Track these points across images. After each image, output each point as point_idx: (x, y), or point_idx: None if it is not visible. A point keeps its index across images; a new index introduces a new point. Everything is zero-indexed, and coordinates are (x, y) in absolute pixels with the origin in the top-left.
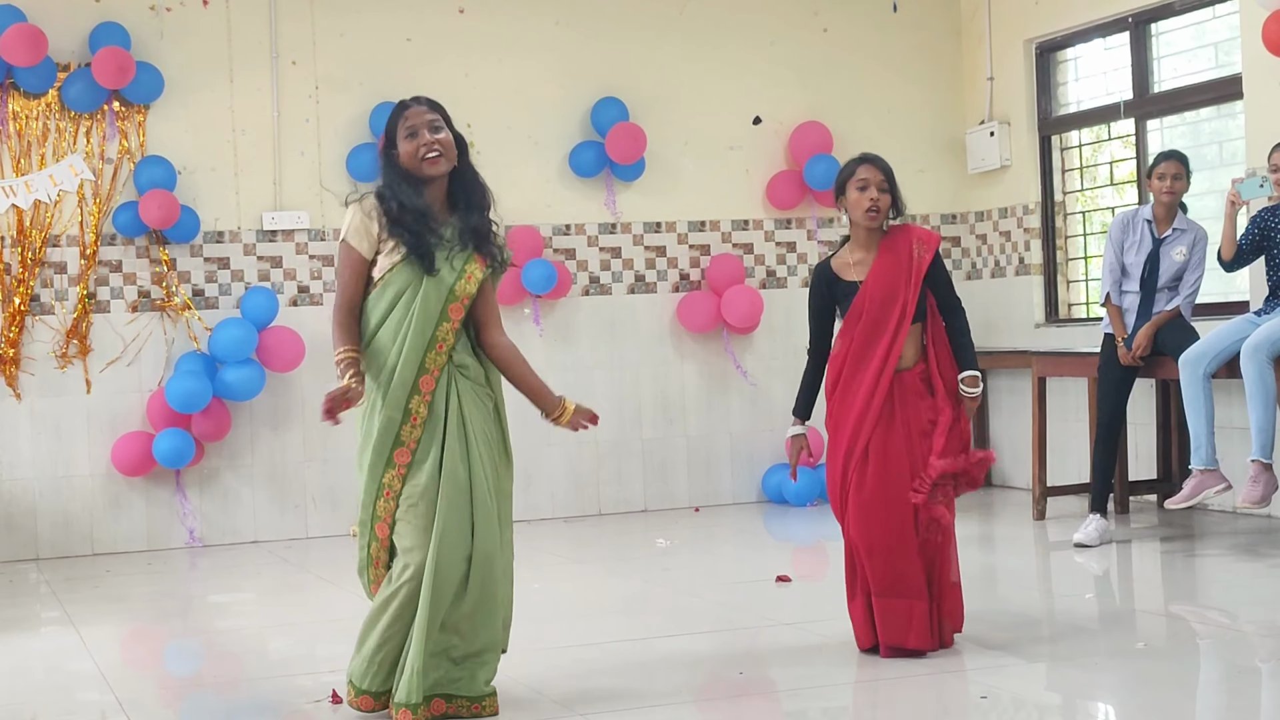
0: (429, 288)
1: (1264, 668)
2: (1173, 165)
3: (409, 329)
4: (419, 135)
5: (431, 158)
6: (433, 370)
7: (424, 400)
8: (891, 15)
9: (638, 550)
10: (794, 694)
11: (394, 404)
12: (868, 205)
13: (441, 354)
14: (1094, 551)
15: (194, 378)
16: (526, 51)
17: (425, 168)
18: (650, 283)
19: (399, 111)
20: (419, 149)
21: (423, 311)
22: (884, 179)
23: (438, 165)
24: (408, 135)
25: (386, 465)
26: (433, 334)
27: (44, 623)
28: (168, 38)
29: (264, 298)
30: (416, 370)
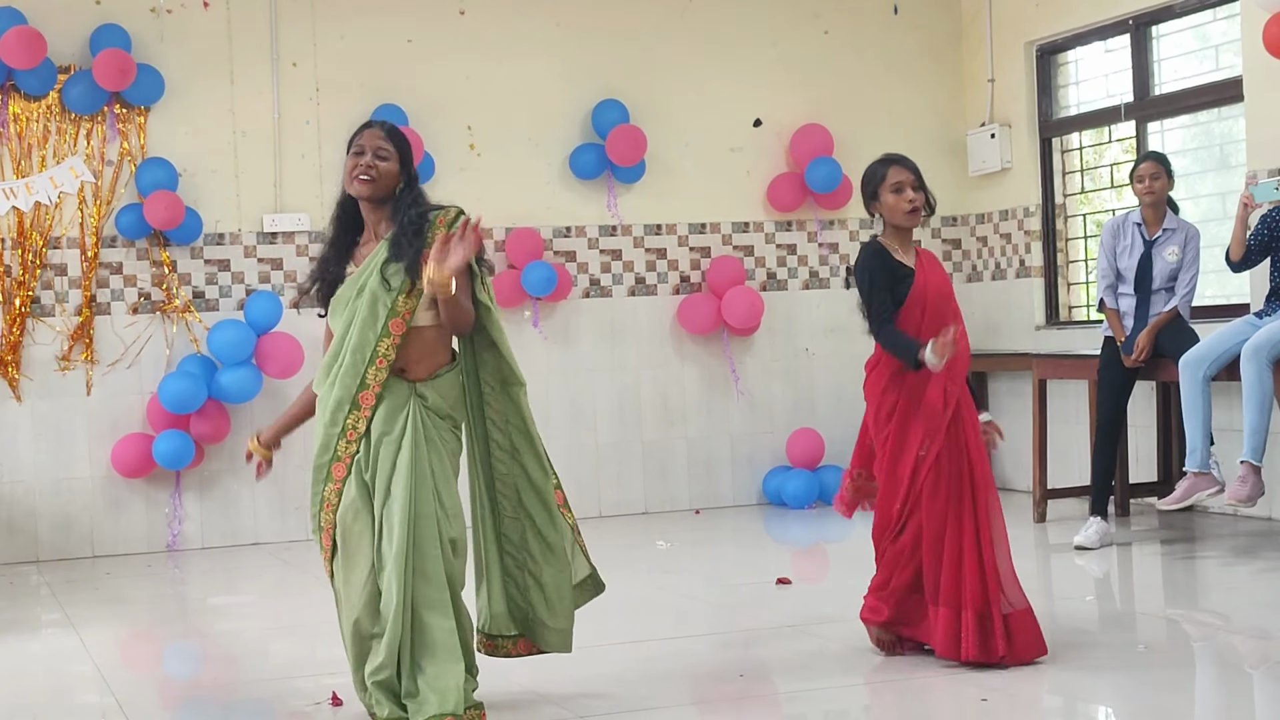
0: (367, 303)
1: (1263, 671)
2: (1151, 165)
3: (348, 351)
4: (363, 155)
5: (362, 179)
6: (373, 385)
7: (362, 415)
8: (892, 17)
9: (638, 552)
10: (794, 697)
11: (333, 419)
12: (908, 206)
13: (382, 369)
14: (1094, 554)
15: (188, 379)
16: (527, 53)
17: (353, 185)
18: (651, 285)
19: (360, 129)
20: (355, 167)
21: (361, 326)
22: (915, 178)
23: (364, 187)
24: (354, 152)
25: (326, 479)
26: (373, 349)
27: (44, 625)
28: (168, 40)
29: (267, 302)
30: (356, 385)
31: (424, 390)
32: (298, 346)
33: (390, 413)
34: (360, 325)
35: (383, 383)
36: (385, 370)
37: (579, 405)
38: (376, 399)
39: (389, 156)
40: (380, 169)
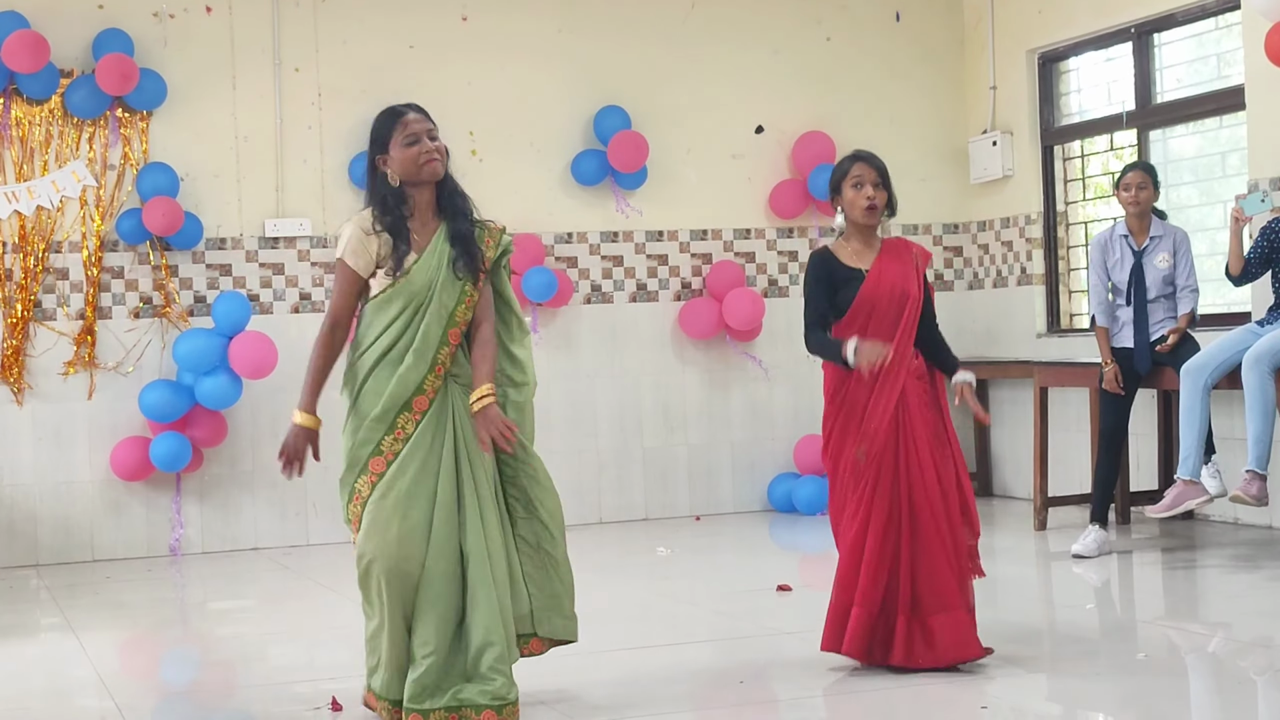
0: (434, 311)
1: (1264, 680)
2: (1136, 175)
3: (411, 354)
4: (420, 142)
5: (433, 162)
6: (429, 391)
7: (413, 418)
8: (894, 25)
9: (639, 559)
10: (794, 704)
11: (383, 418)
12: (865, 203)
13: (439, 377)
14: (1092, 562)
15: (168, 388)
16: (529, 59)
17: (424, 172)
18: (652, 291)
19: (393, 119)
20: (419, 155)
21: (424, 337)
22: (878, 176)
23: (438, 170)
24: (409, 142)
25: (361, 471)
26: (433, 357)
27: (44, 629)
28: (171, 45)
29: (234, 303)
30: (413, 391)
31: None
32: (270, 345)
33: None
34: (425, 330)
35: (437, 389)
36: (441, 378)
37: (580, 411)
38: (430, 403)
39: (437, 135)
40: (440, 149)
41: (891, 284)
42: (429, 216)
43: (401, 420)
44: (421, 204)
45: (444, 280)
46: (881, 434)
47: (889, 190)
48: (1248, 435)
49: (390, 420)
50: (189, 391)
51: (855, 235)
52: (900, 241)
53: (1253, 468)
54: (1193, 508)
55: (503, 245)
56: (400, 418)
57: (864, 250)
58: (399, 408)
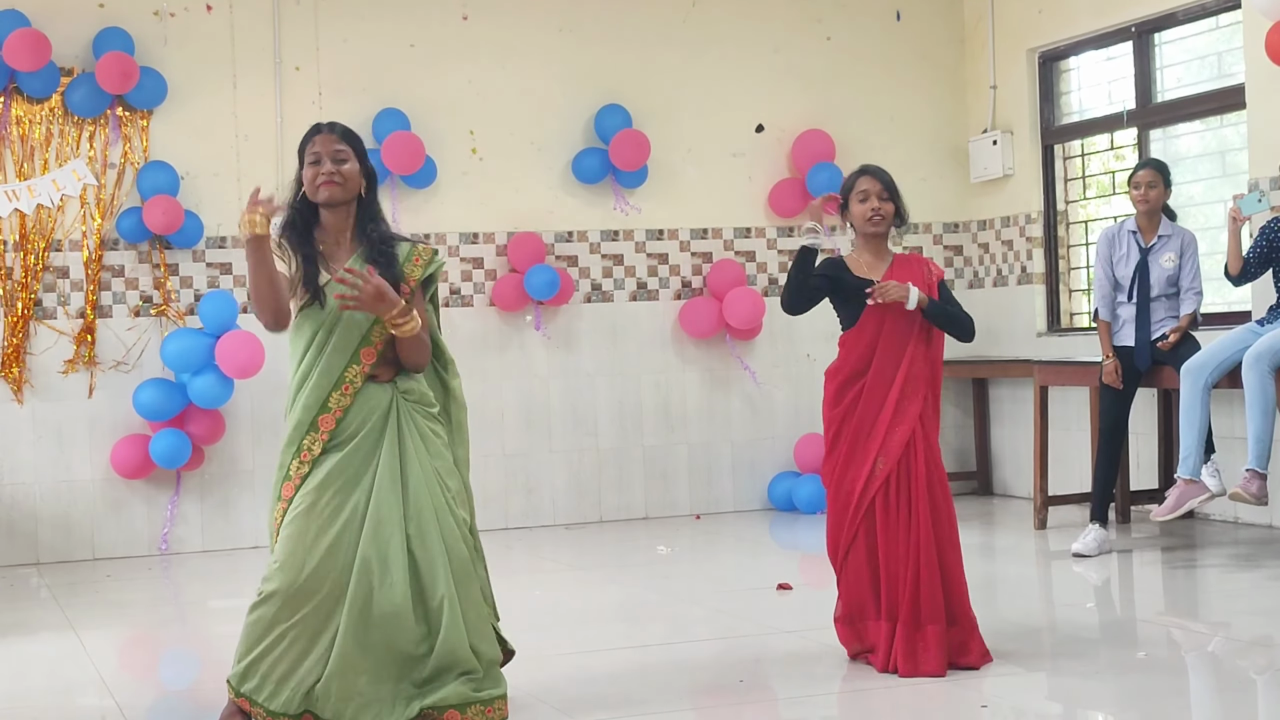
0: (341, 331)
1: (1264, 679)
2: (1148, 174)
3: (316, 373)
4: (320, 163)
5: (326, 184)
6: (335, 410)
7: (319, 438)
8: (894, 24)
9: (639, 557)
10: (794, 702)
11: (290, 441)
12: (869, 214)
13: (346, 395)
14: (1092, 561)
15: (161, 386)
16: (530, 58)
17: (319, 195)
18: (652, 290)
19: (309, 135)
20: (315, 175)
21: (331, 354)
22: (884, 188)
23: (330, 192)
24: (311, 161)
25: (276, 499)
26: (340, 374)
27: (44, 627)
28: (171, 43)
29: (221, 302)
30: (317, 409)
31: (402, 384)
32: (257, 344)
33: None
34: (331, 350)
35: (345, 408)
36: (350, 396)
37: (580, 410)
38: (336, 421)
39: (348, 158)
40: (343, 172)
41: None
42: (345, 238)
43: (307, 441)
44: (335, 225)
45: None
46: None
47: (896, 202)
48: (1248, 434)
49: (297, 443)
50: (182, 390)
51: (865, 248)
52: (913, 257)
53: (1253, 466)
54: (1195, 507)
55: (433, 266)
56: (306, 439)
57: (875, 263)
58: (305, 430)
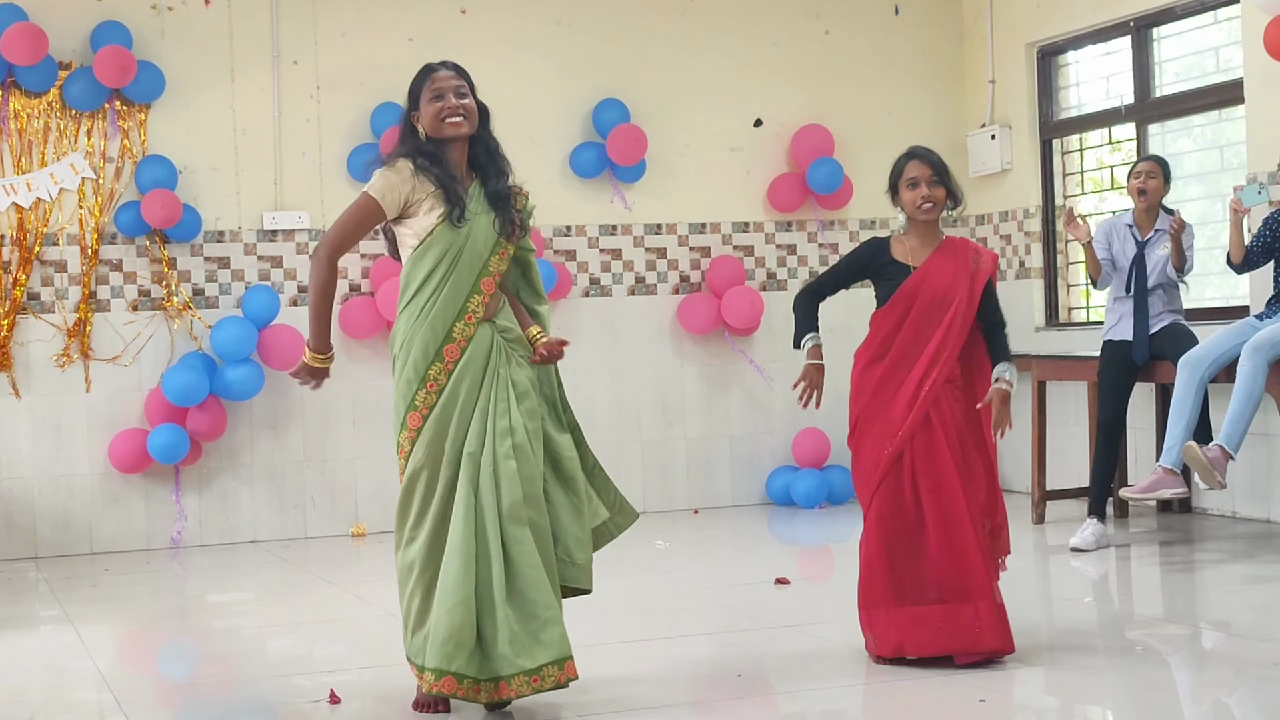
0: (466, 260)
1: (1261, 674)
2: (1147, 165)
3: (440, 301)
4: (445, 98)
5: (454, 121)
6: (459, 340)
7: (445, 369)
8: (893, 18)
9: (636, 552)
10: (792, 696)
11: (414, 368)
12: (920, 200)
13: (470, 325)
14: (1090, 556)
15: (192, 371)
16: (528, 52)
17: (446, 129)
18: (650, 285)
19: (425, 75)
20: (441, 110)
21: (455, 282)
22: (933, 172)
23: (459, 128)
24: (433, 98)
25: (402, 426)
26: (463, 304)
27: (42, 621)
28: (169, 37)
29: (265, 296)
30: (442, 338)
31: (499, 323)
32: (299, 339)
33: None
34: (455, 278)
35: (469, 338)
36: (473, 326)
37: (577, 404)
38: (460, 352)
39: (466, 93)
40: (466, 106)
41: (938, 284)
42: (462, 173)
43: (434, 372)
44: (454, 159)
45: (480, 232)
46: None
47: (947, 183)
48: (1227, 414)
49: (422, 373)
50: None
51: (914, 232)
52: (963, 242)
53: (1221, 443)
54: (1169, 496)
55: (528, 210)
56: (432, 369)
57: (920, 248)
58: (430, 358)
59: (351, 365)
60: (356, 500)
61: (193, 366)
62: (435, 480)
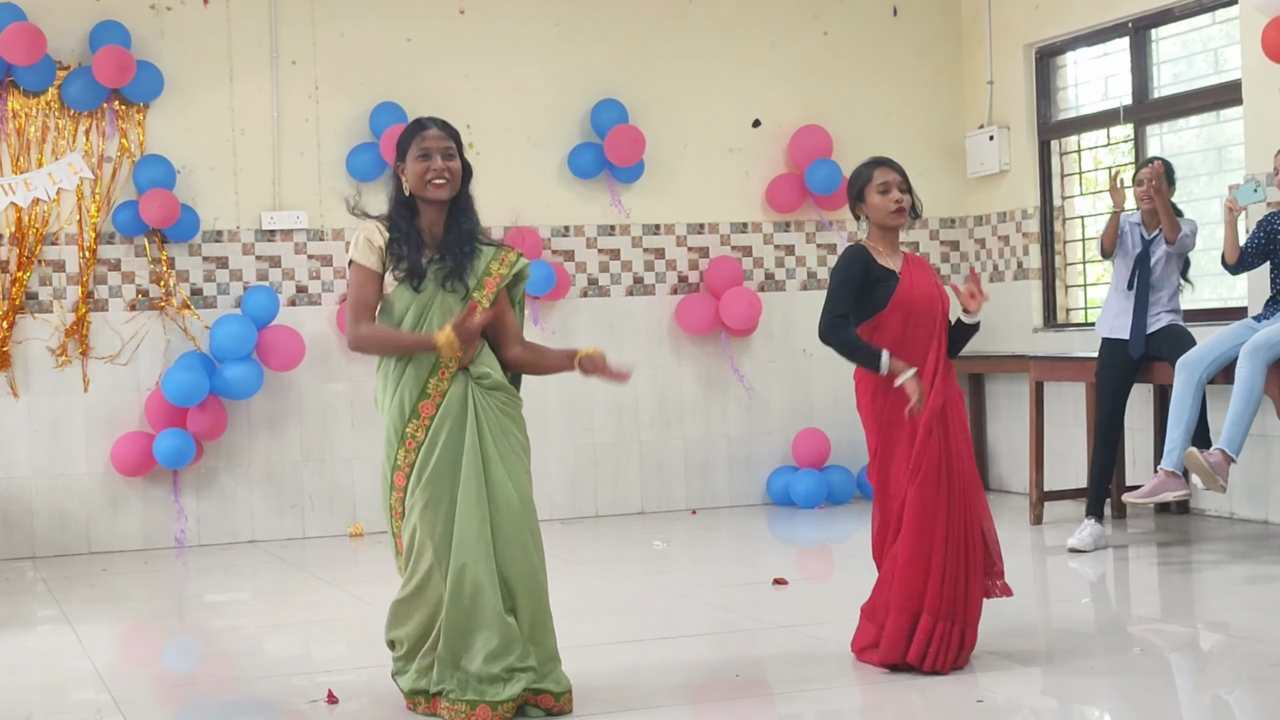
0: (435, 313)
1: (1258, 674)
2: (1149, 170)
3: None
4: (431, 159)
5: (438, 184)
6: (434, 395)
7: (422, 424)
8: (891, 19)
9: (635, 552)
10: (789, 696)
11: (393, 428)
12: (894, 206)
13: (444, 380)
14: (1088, 557)
15: (192, 371)
16: (526, 53)
17: (430, 191)
18: (649, 285)
19: (415, 131)
20: (427, 171)
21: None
22: (902, 179)
23: (442, 191)
24: (420, 156)
25: (390, 488)
26: (434, 360)
27: (40, 621)
28: (168, 37)
29: (265, 296)
30: (417, 396)
31: (476, 371)
32: (298, 339)
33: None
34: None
35: (444, 392)
36: (447, 381)
37: (576, 405)
38: (436, 407)
39: (454, 155)
40: (452, 169)
41: (924, 289)
42: (438, 229)
43: (410, 429)
44: (432, 217)
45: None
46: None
47: (912, 193)
48: (1227, 417)
49: (401, 431)
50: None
51: (879, 239)
52: (916, 257)
53: (1222, 446)
54: (1171, 499)
55: (518, 267)
56: (409, 426)
57: (891, 255)
58: (407, 416)
59: (350, 365)
60: (354, 500)
61: (191, 366)
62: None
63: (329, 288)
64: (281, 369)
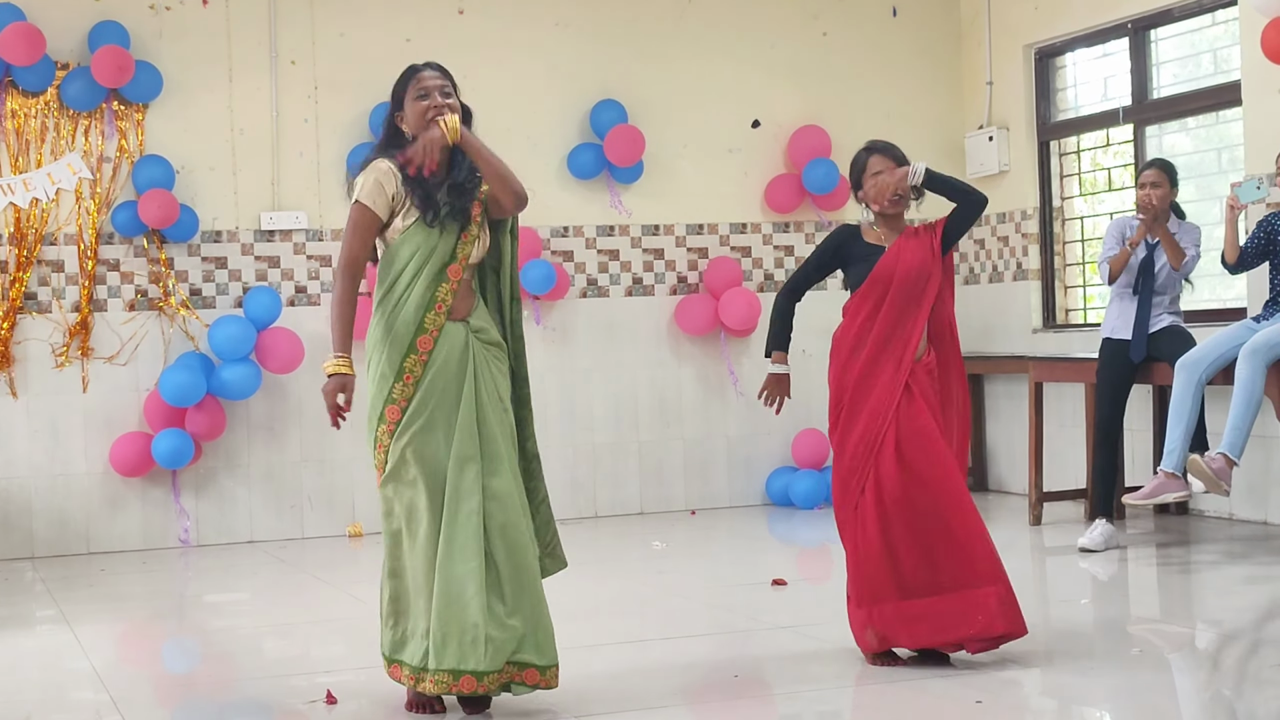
0: (437, 252)
1: (1258, 675)
2: (1151, 173)
3: (412, 291)
4: (430, 97)
5: (436, 116)
6: (431, 330)
7: (419, 360)
8: (891, 19)
9: (634, 553)
10: (789, 697)
11: (389, 361)
12: (890, 192)
13: (440, 314)
14: (1098, 556)
15: (189, 371)
16: (526, 53)
17: (431, 128)
18: (648, 285)
19: (409, 75)
20: (427, 110)
21: (426, 276)
22: (896, 164)
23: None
24: (418, 96)
25: (379, 420)
26: (432, 294)
27: (39, 621)
28: (167, 37)
29: (266, 297)
30: (415, 329)
31: (473, 323)
32: (298, 342)
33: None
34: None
35: (440, 328)
36: (443, 316)
37: (575, 405)
38: (434, 343)
39: (451, 93)
40: (452, 106)
41: (911, 260)
42: (441, 173)
43: (409, 364)
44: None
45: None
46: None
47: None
48: (1228, 421)
49: (398, 365)
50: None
51: (882, 225)
52: (919, 228)
53: (1224, 450)
54: (1172, 500)
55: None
56: (407, 361)
57: (890, 234)
58: (404, 351)
59: None
60: (353, 500)
61: (189, 366)
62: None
63: (328, 288)
64: (280, 371)
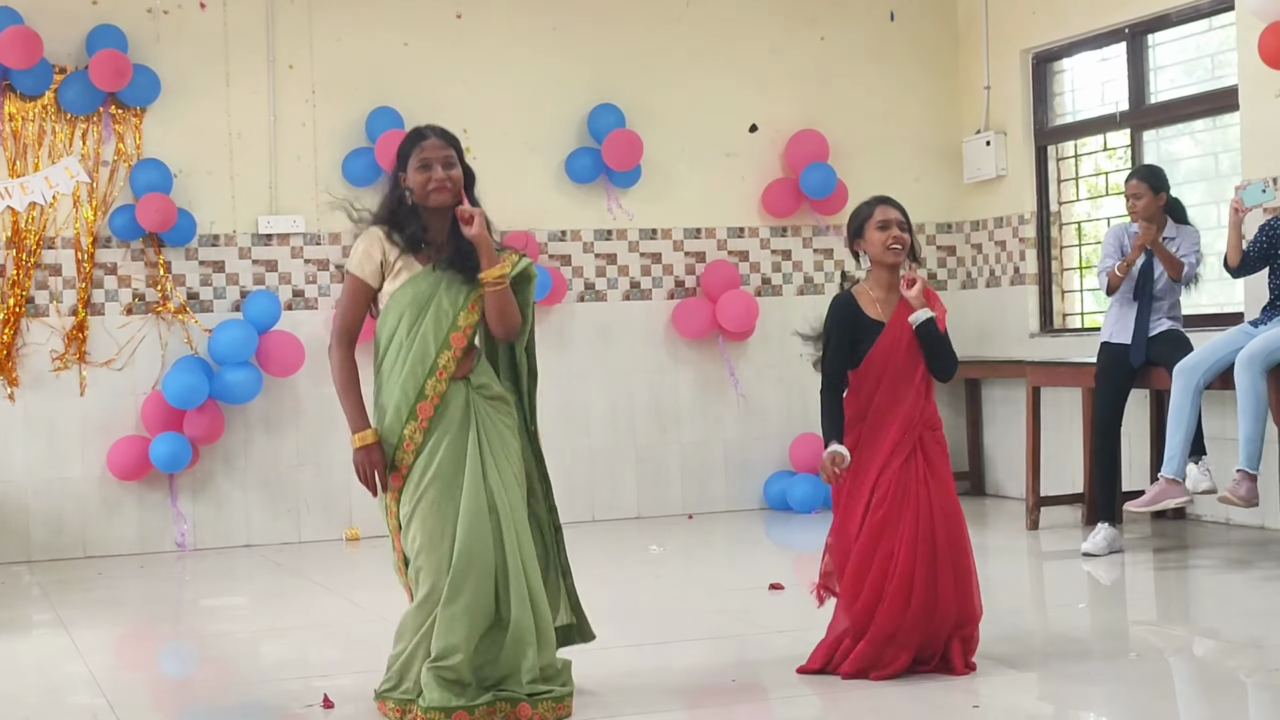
0: (432, 316)
1: (1255, 680)
2: (1131, 185)
3: (409, 353)
4: (431, 169)
5: (439, 194)
6: (431, 397)
7: (419, 427)
8: (889, 24)
9: (631, 557)
10: (786, 702)
11: (390, 430)
12: (890, 242)
13: (441, 381)
14: (1101, 561)
15: (192, 373)
16: (523, 57)
17: (431, 199)
18: (645, 289)
19: (415, 140)
20: (429, 181)
21: (422, 338)
22: (902, 218)
23: (444, 198)
24: (420, 167)
25: (385, 487)
26: (433, 361)
27: (35, 625)
28: (164, 41)
29: (266, 301)
30: (414, 397)
31: (476, 381)
32: (298, 345)
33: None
34: (423, 334)
35: (441, 394)
36: (445, 383)
37: (572, 409)
38: (435, 409)
39: (454, 163)
40: (453, 178)
41: (911, 338)
42: (441, 236)
43: (408, 431)
44: (436, 225)
45: (445, 284)
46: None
47: (912, 235)
48: (1239, 435)
49: (398, 433)
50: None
51: (878, 281)
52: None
53: (1243, 467)
54: (1172, 506)
55: (520, 266)
56: (406, 429)
57: (886, 298)
58: (404, 419)
59: None
60: (350, 504)
61: (191, 369)
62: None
63: (325, 292)
64: (281, 374)
